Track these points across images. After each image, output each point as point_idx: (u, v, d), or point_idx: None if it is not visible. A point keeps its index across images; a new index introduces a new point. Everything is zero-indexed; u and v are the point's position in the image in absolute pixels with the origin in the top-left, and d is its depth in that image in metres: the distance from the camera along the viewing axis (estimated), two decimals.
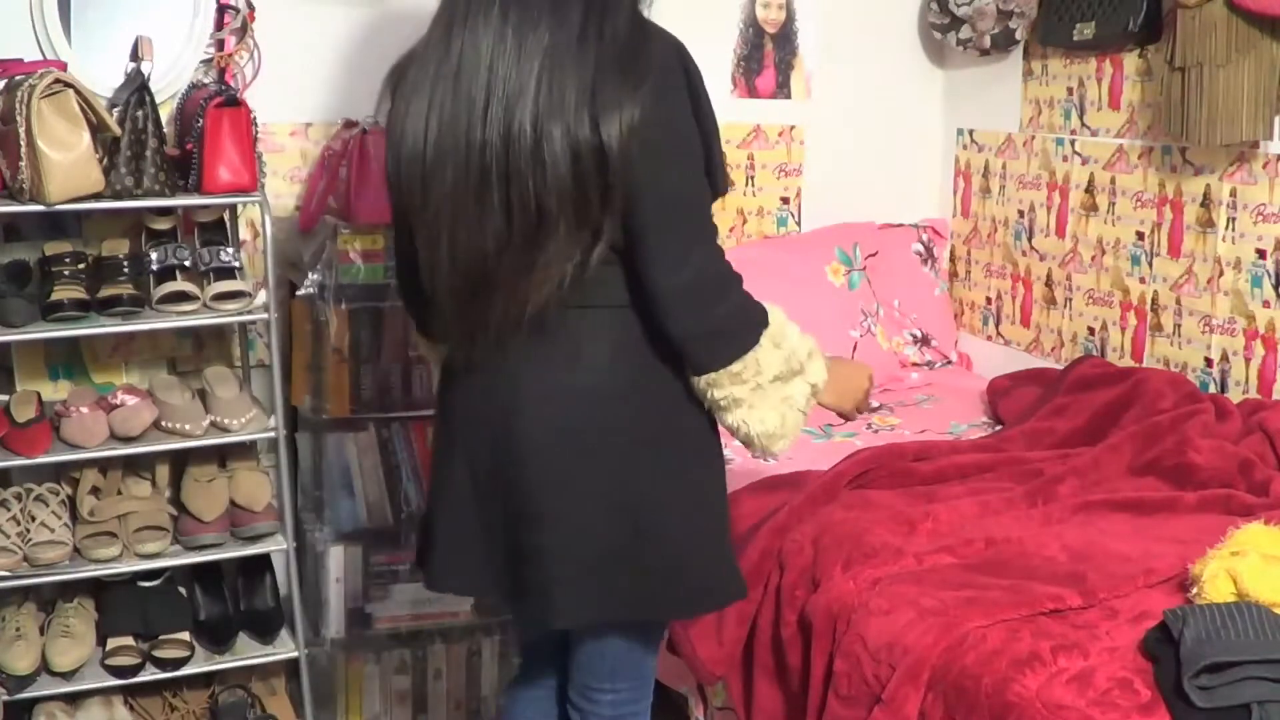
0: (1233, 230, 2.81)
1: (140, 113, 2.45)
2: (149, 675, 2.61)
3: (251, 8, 2.85)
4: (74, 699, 2.62)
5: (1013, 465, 2.61)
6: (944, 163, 3.70)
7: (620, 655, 1.98)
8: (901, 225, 3.64)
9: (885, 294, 3.49)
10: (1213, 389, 2.86)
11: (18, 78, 2.39)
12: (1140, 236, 3.05)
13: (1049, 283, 3.35)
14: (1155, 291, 3.03)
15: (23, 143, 2.32)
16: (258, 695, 2.81)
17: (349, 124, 2.86)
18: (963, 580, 2.11)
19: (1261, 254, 2.75)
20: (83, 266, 2.54)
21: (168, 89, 2.76)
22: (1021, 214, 3.43)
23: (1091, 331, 3.22)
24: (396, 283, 2.01)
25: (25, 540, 2.50)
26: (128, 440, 2.53)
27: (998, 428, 3.01)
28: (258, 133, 2.58)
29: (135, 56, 2.61)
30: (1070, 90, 3.24)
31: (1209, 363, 2.89)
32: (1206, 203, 2.87)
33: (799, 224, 3.59)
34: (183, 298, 2.54)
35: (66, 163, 2.34)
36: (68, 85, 2.36)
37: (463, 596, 2.80)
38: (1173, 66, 2.76)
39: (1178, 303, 2.97)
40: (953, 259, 3.71)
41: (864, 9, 3.57)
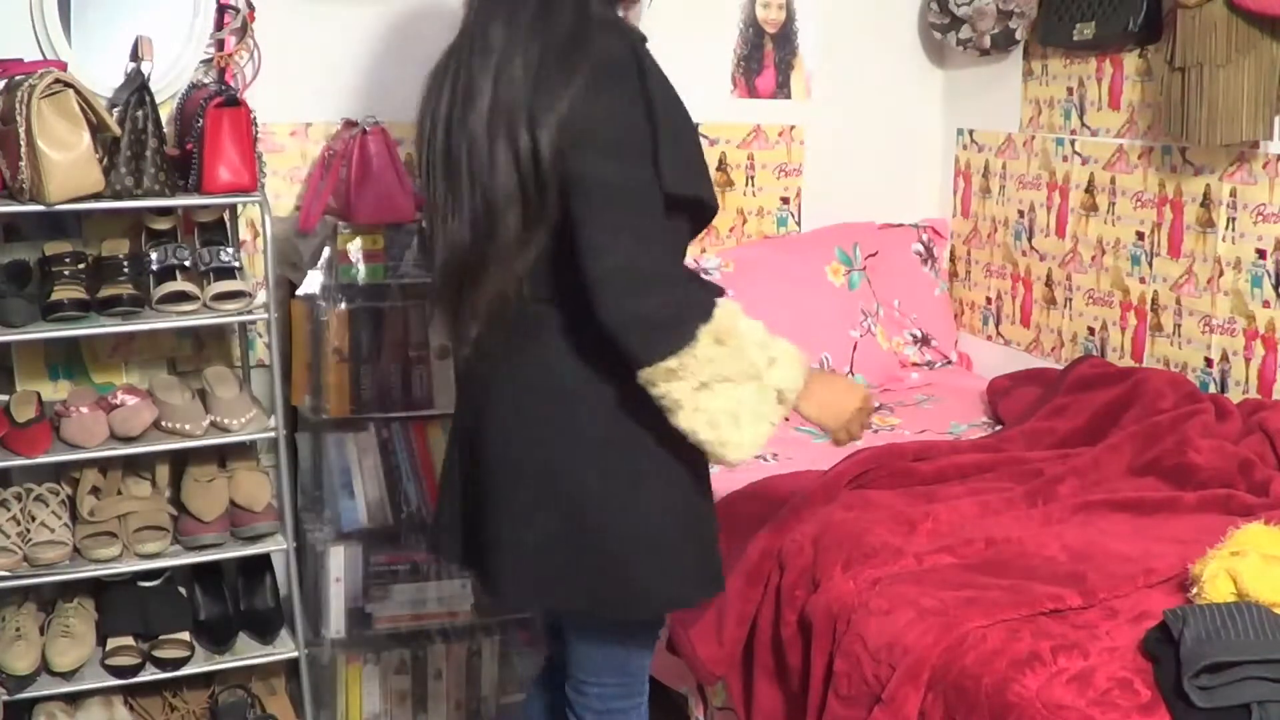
0: (1233, 230, 2.81)
1: (140, 113, 2.45)
2: (149, 675, 2.61)
3: (251, 8, 2.85)
4: (74, 699, 2.62)
5: (1013, 465, 2.61)
6: (944, 163, 3.70)
7: (601, 651, 2.00)
8: (901, 225, 3.63)
9: (885, 294, 3.49)
10: (1213, 389, 2.86)
11: (18, 78, 2.39)
12: (1140, 236, 3.05)
13: (1049, 283, 3.35)
14: (1155, 291, 3.03)
15: (23, 143, 2.32)
16: (258, 695, 2.81)
17: (349, 124, 2.86)
18: (963, 580, 2.11)
19: (1261, 254, 2.75)
20: (83, 266, 2.55)
21: (168, 89, 2.76)
22: (1021, 214, 3.43)
23: (1091, 331, 3.22)
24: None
25: (25, 540, 2.50)
26: (128, 440, 2.54)
27: (998, 428, 3.01)
28: (258, 133, 2.59)
29: (135, 56, 2.61)
30: (1070, 90, 3.24)
31: (1209, 363, 2.89)
32: (1206, 203, 2.87)
33: (799, 224, 3.58)
34: (183, 298, 2.54)
35: (66, 163, 2.35)
36: (68, 85, 2.36)
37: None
38: (1173, 66, 2.75)
39: (1178, 303, 2.96)
40: (953, 259, 3.71)
41: (864, 9, 3.56)
